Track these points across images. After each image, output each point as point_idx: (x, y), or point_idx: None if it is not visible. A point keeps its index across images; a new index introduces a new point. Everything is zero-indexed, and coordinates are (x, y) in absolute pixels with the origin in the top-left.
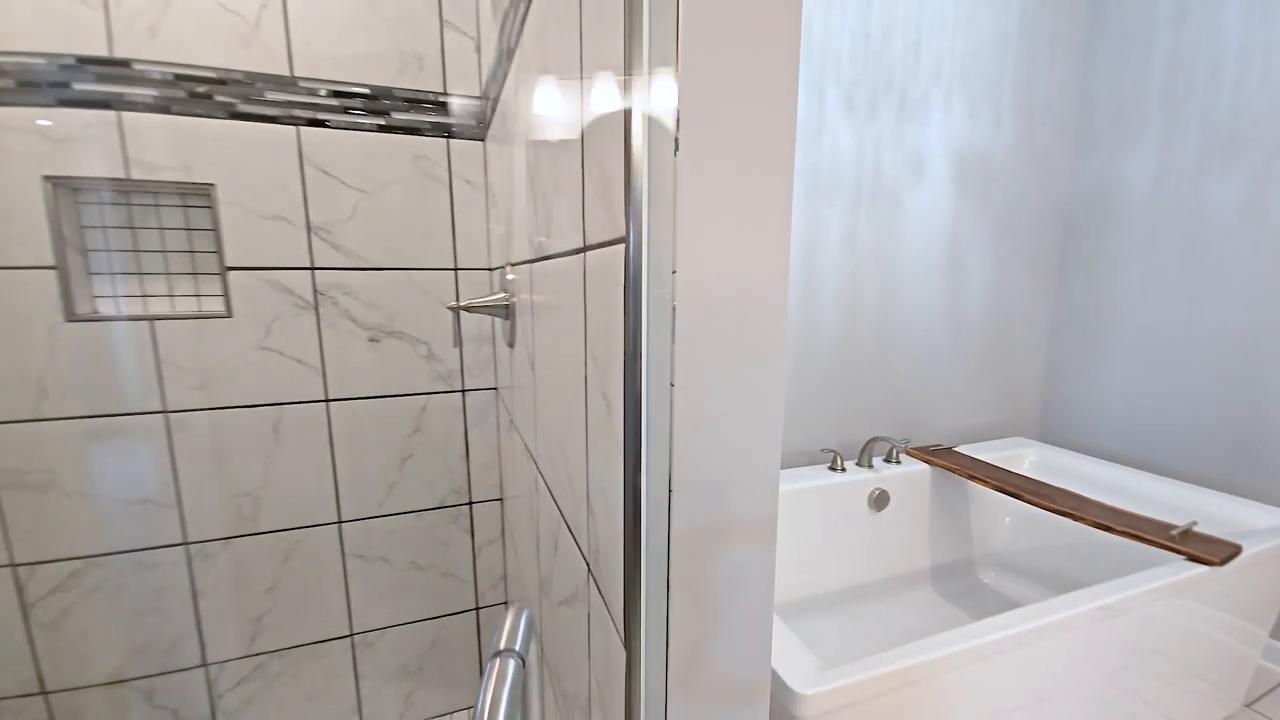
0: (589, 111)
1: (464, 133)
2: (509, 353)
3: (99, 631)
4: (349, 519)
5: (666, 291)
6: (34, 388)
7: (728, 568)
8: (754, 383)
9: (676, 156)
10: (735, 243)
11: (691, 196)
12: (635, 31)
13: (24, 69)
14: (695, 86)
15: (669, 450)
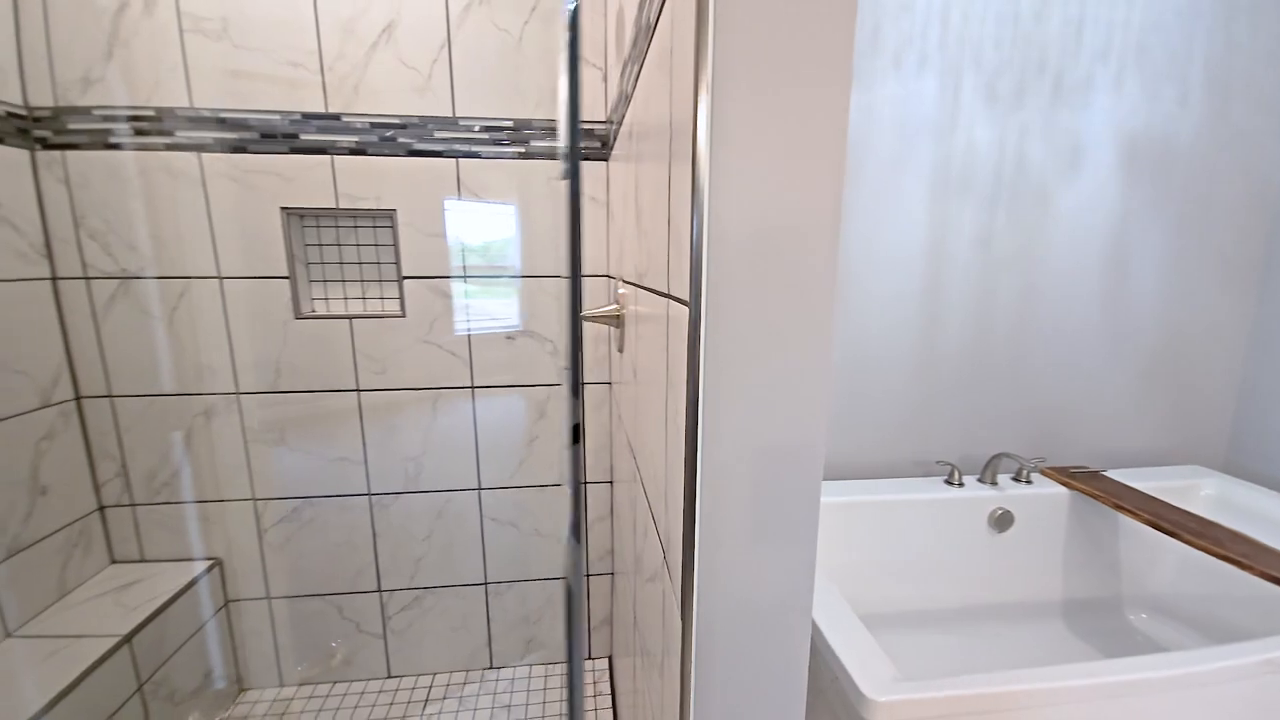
0: (671, 170)
1: (590, 155)
2: (619, 356)
3: (309, 556)
4: (486, 487)
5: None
6: (273, 368)
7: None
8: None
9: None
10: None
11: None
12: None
13: (266, 124)
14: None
15: (701, 471)
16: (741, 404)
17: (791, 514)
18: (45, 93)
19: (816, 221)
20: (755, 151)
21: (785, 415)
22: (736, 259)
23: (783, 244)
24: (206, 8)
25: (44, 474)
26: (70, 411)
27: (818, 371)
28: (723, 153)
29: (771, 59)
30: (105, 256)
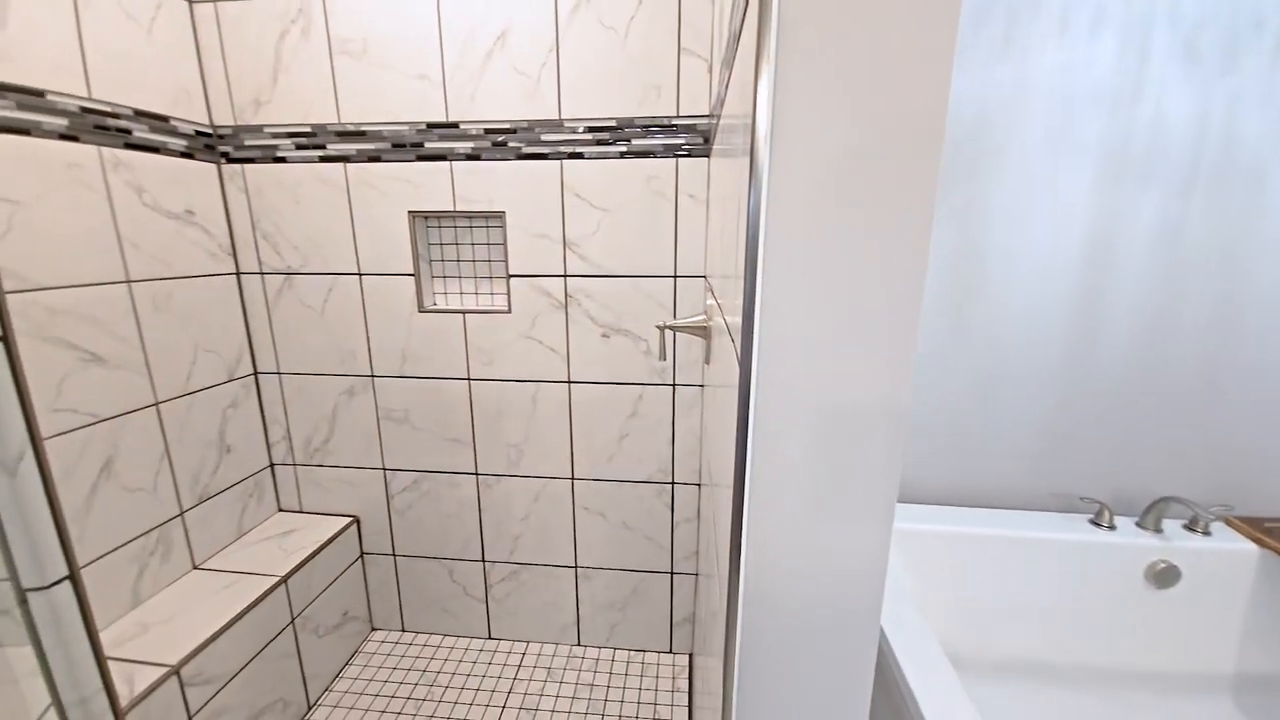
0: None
1: (691, 151)
2: (705, 370)
3: (426, 522)
4: (579, 477)
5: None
6: (399, 356)
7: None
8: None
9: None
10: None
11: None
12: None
13: (396, 135)
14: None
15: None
16: (801, 351)
17: (861, 489)
18: (226, 114)
19: (914, 134)
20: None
21: (858, 368)
22: (813, 170)
23: (874, 163)
24: (351, 30)
25: (229, 435)
26: (249, 385)
27: (904, 317)
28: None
29: (847, 36)
30: (275, 255)
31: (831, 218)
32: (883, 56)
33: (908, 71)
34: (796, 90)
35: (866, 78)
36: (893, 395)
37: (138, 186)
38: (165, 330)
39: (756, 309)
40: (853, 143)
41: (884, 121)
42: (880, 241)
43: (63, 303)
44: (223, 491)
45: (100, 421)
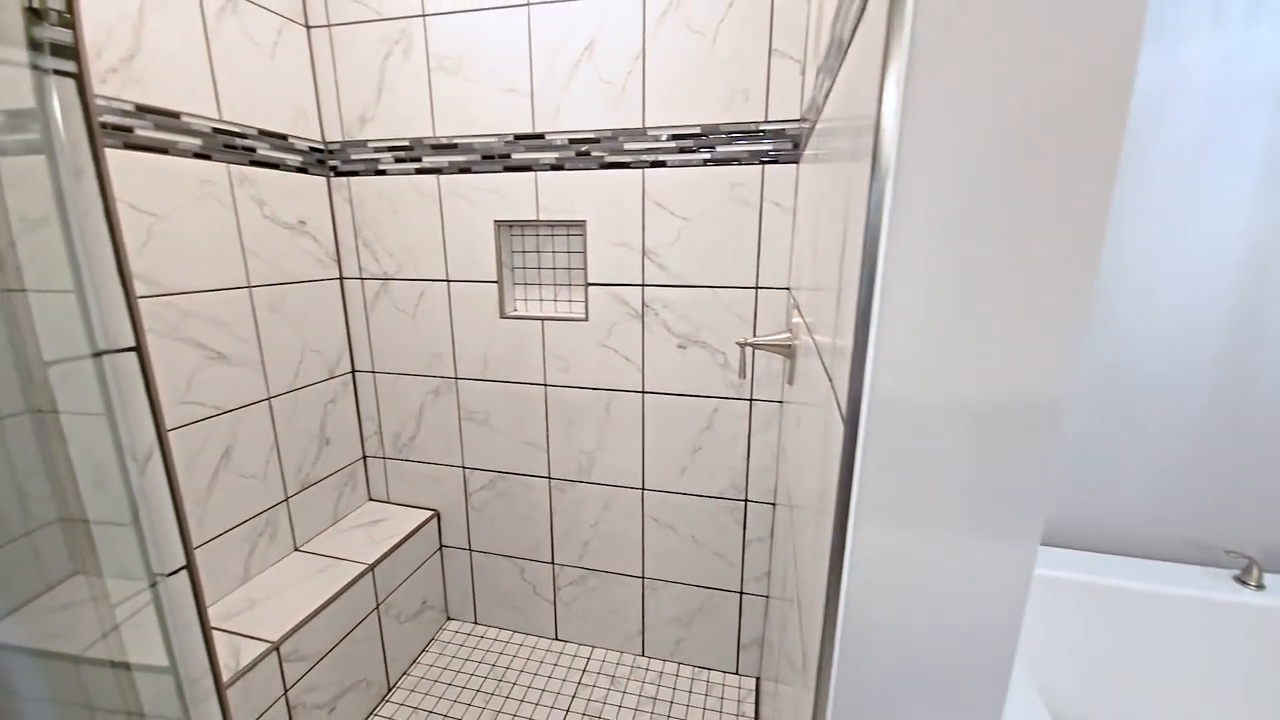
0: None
1: (779, 157)
2: (787, 390)
3: (500, 521)
4: (650, 488)
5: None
6: (481, 360)
7: (957, 576)
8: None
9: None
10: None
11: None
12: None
13: (486, 147)
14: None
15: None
16: (931, 360)
17: (1001, 497)
18: (335, 130)
19: (1091, 109)
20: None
21: (1005, 380)
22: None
23: (1038, 150)
24: (447, 48)
25: (328, 429)
26: (347, 382)
27: (1067, 317)
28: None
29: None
30: (374, 262)
31: (980, 218)
32: (1046, 22)
33: (1081, 30)
34: (933, 83)
35: (1023, 55)
36: (1047, 414)
37: (259, 200)
38: (278, 331)
39: (873, 320)
40: (1008, 130)
41: (1049, 100)
42: (1040, 241)
43: (193, 306)
44: (322, 480)
45: (222, 414)
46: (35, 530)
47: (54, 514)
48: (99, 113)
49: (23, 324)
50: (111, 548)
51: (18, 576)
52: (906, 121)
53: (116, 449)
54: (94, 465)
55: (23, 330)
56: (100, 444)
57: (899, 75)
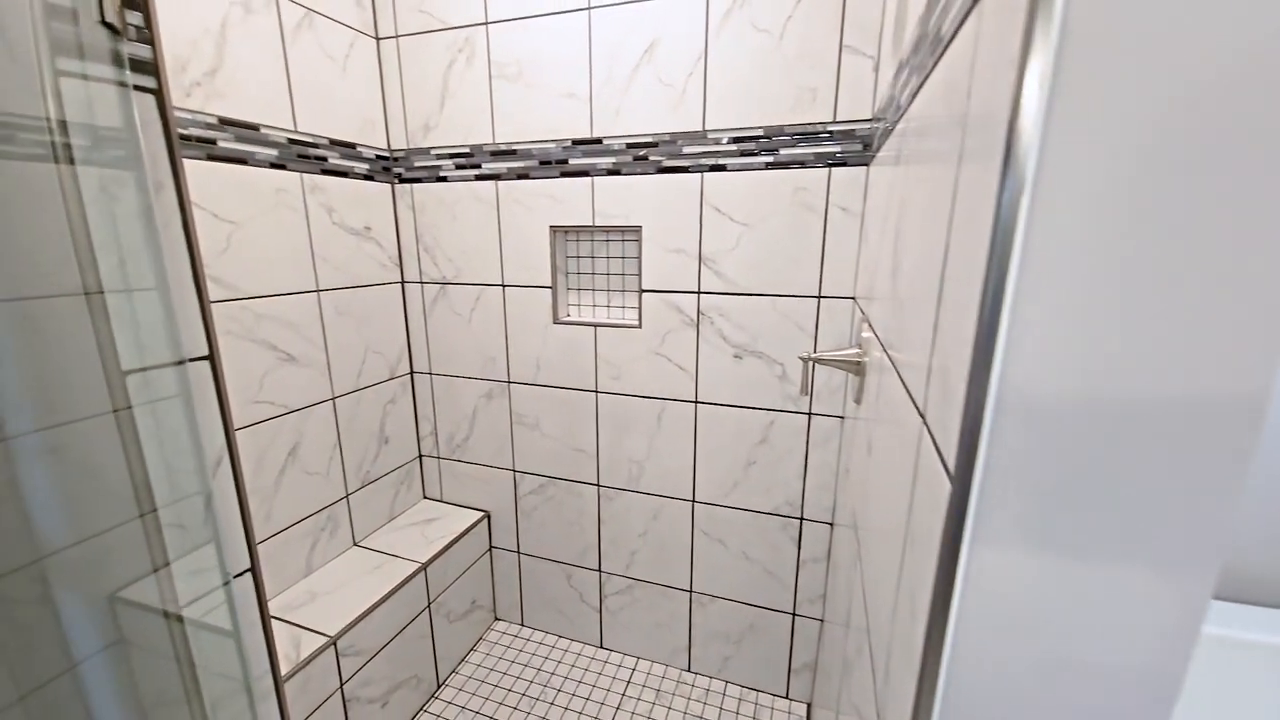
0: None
1: (847, 159)
2: (853, 409)
3: (548, 526)
4: (700, 500)
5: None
6: (533, 364)
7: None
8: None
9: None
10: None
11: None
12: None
13: (544, 153)
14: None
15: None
16: (1086, 330)
17: (1169, 517)
18: (400, 138)
19: None
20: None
21: (1193, 343)
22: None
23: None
24: (508, 55)
25: (387, 428)
26: (406, 383)
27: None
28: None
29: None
30: (433, 266)
31: (1154, 205)
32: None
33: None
34: (1088, 71)
35: (1205, 21)
36: (1240, 417)
37: (329, 207)
38: (343, 333)
39: (1002, 326)
40: (1185, 107)
41: (1239, 69)
42: (1233, 230)
43: (266, 309)
44: (381, 478)
45: (290, 413)
46: (112, 529)
47: (131, 514)
48: (183, 126)
49: (104, 331)
50: (182, 550)
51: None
52: (1053, 116)
53: (192, 453)
54: (167, 469)
55: (104, 336)
56: (174, 448)
57: (1044, 67)
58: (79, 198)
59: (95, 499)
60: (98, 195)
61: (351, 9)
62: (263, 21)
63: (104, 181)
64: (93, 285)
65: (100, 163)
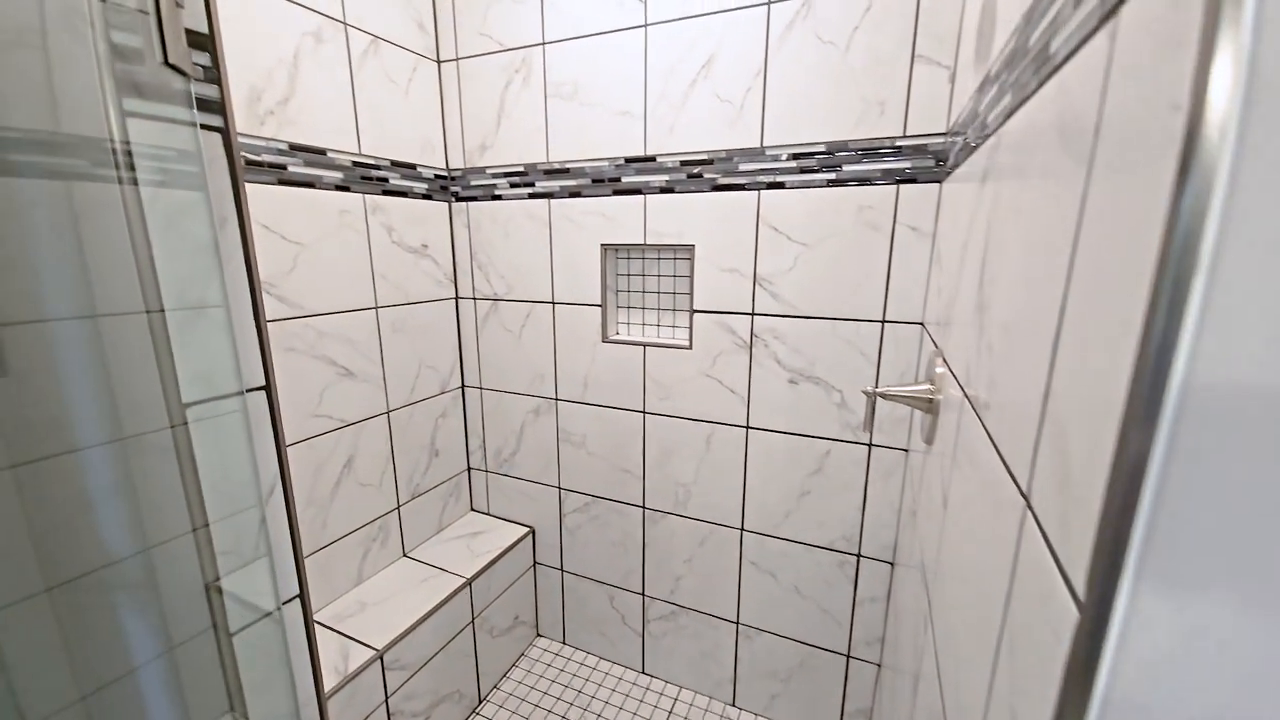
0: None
1: (918, 176)
2: (924, 450)
3: (592, 545)
4: (749, 529)
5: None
6: (582, 382)
7: None
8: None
9: None
10: None
11: None
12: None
13: (597, 171)
14: None
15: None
16: None
17: None
18: (458, 158)
19: None
20: None
21: None
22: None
23: None
24: (564, 74)
25: (438, 441)
26: (457, 397)
27: None
28: None
29: None
30: (485, 283)
31: None
32: None
33: None
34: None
35: None
36: None
37: (389, 226)
38: (399, 349)
39: (1170, 397)
40: None
41: None
42: None
43: (328, 326)
44: (430, 490)
45: (346, 426)
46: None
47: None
48: (256, 152)
49: (166, 362)
50: (234, 575)
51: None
52: (1251, 109)
53: (248, 480)
54: (222, 495)
55: (166, 367)
56: (230, 475)
57: (1236, 61)
58: (144, 232)
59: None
60: (164, 231)
61: (415, 34)
62: (332, 50)
63: (170, 217)
64: (157, 317)
65: (166, 200)
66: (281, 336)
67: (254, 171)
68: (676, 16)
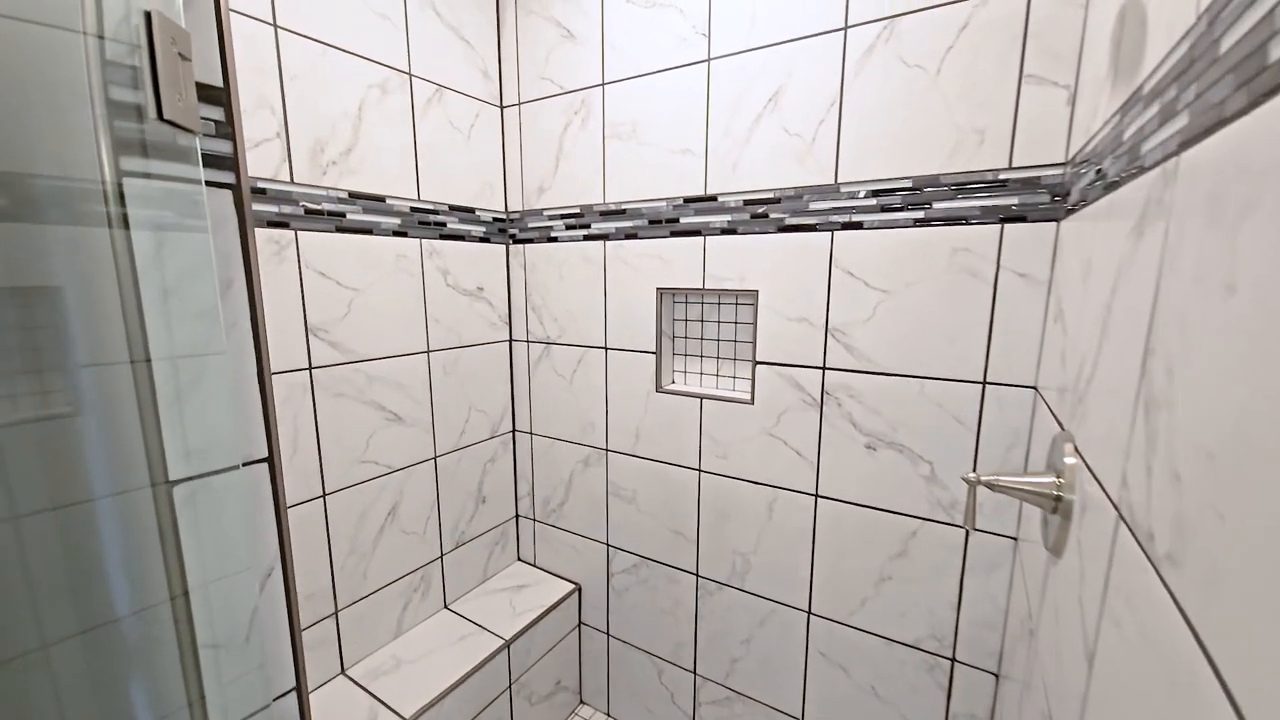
0: None
1: (1027, 213)
2: (1047, 558)
3: (640, 610)
4: (818, 613)
5: None
6: (633, 434)
7: None
8: None
9: None
10: None
11: None
12: None
13: (654, 212)
14: None
15: None
16: None
17: None
18: (517, 200)
19: None
20: None
21: None
22: None
23: None
24: (623, 114)
25: (485, 487)
26: (507, 441)
27: None
28: None
29: None
30: (539, 325)
31: None
32: None
33: None
34: None
35: None
36: None
37: (444, 270)
38: (449, 393)
39: None
40: None
41: None
42: None
43: (378, 371)
44: (476, 538)
45: (393, 472)
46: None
47: (165, 632)
48: (316, 201)
49: (153, 438)
50: (219, 670)
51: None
52: None
53: (241, 561)
54: (208, 580)
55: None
56: (220, 558)
57: None
58: (136, 298)
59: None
60: (160, 297)
61: (479, 82)
62: (397, 101)
63: (167, 281)
64: (145, 388)
65: (164, 263)
66: (331, 382)
67: (313, 220)
68: (741, 49)
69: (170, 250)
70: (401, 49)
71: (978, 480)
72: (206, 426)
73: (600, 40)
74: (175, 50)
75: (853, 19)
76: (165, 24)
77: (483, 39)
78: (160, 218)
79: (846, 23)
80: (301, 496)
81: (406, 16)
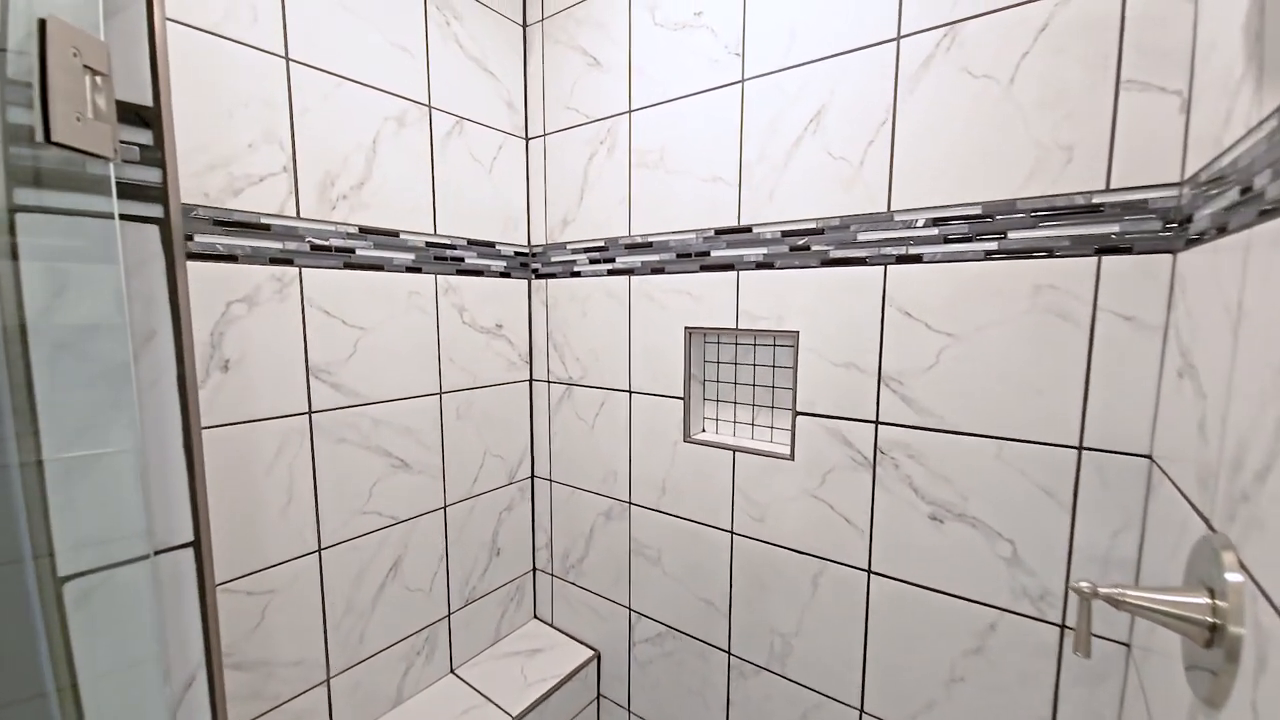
0: None
1: (1133, 244)
2: (1193, 702)
3: (665, 687)
4: (872, 713)
5: None
6: (658, 486)
7: None
8: None
9: None
10: None
11: None
12: None
13: (683, 244)
14: None
15: None
16: None
17: None
18: (540, 234)
19: None
20: None
21: None
22: None
23: None
24: (650, 141)
25: (500, 538)
26: (525, 488)
27: None
28: None
29: None
30: (560, 365)
31: None
32: None
33: None
34: None
35: None
36: None
37: (460, 306)
38: (462, 436)
39: None
40: None
41: None
42: None
43: (384, 415)
44: (488, 594)
45: (397, 524)
46: None
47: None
48: (324, 237)
49: (37, 522)
50: None
51: None
52: None
53: (153, 672)
54: (109, 692)
55: (38, 528)
56: (127, 662)
57: None
58: (24, 359)
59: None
60: (48, 356)
61: (504, 114)
62: (414, 133)
63: (60, 339)
64: (30, 469)
65: (57, 316)
66: (332, 427)
67: (320, 256)
68: (779, 67)
69: (70, 298)
70: (421, 81)
71: (1093, 592)
72: (108, 512)
73: (627, 66)
74: (80, 63)
75: (906, 28)
76: (65, 32)
77: (507, 70)
78: (57, 260)
79: (899, 33)
80: (294, 553)
81: (428, 49)
